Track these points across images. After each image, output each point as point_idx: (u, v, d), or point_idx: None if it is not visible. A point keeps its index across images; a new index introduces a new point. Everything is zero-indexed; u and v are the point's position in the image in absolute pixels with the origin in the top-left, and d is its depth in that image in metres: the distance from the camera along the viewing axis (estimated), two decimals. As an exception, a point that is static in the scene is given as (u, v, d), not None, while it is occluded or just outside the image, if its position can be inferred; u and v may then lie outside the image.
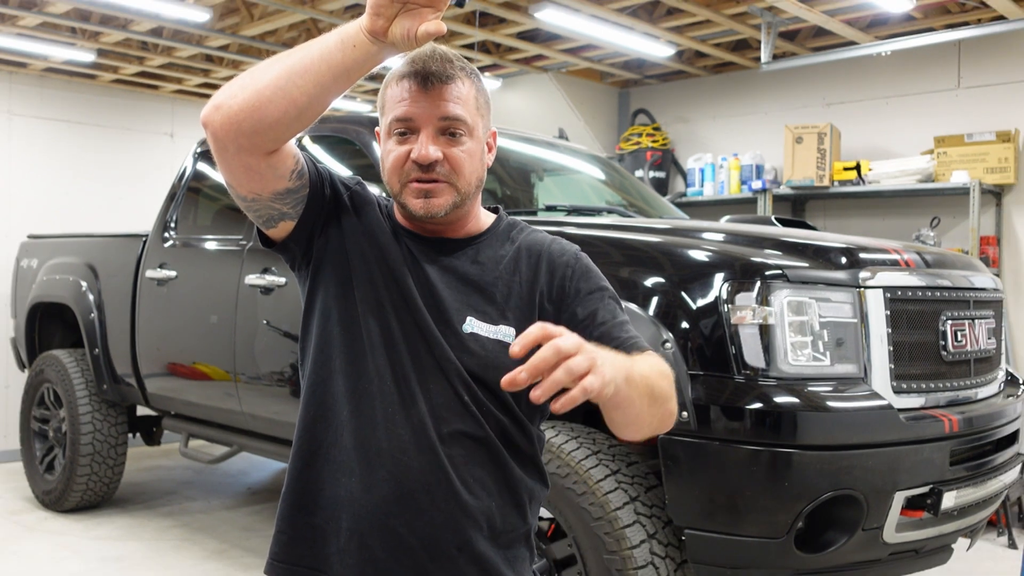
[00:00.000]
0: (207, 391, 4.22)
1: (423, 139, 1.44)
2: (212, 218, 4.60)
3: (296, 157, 1.43)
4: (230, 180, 1.41)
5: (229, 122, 1.30)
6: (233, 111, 1.29)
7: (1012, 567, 4.34)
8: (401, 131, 1.45)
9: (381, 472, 1.44)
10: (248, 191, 1.41)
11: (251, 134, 1.31)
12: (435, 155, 1.43)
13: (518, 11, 5.24)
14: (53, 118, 7.03)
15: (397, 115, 1.45)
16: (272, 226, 1.49)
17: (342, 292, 1.49)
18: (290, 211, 1.46)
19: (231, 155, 1.35)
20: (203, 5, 5.32)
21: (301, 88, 1.28)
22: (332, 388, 1.49)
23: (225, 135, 1.31)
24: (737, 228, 3.10)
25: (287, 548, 1.52)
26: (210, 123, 1.31)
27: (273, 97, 1.28)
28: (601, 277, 1.56)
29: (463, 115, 1.46)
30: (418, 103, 1.43)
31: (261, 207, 1.44)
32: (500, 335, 1.46)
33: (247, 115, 1.29)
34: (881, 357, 2.55)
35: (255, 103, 1.28)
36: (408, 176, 1.45)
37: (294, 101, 1.28)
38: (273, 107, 1.28)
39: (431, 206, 1.45)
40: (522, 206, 3.78)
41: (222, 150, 1.34)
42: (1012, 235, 5.45)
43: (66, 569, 4.22)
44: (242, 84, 1.30)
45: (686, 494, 2.49)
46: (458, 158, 1.45)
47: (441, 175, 1.45)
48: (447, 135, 1.45)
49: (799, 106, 6.29)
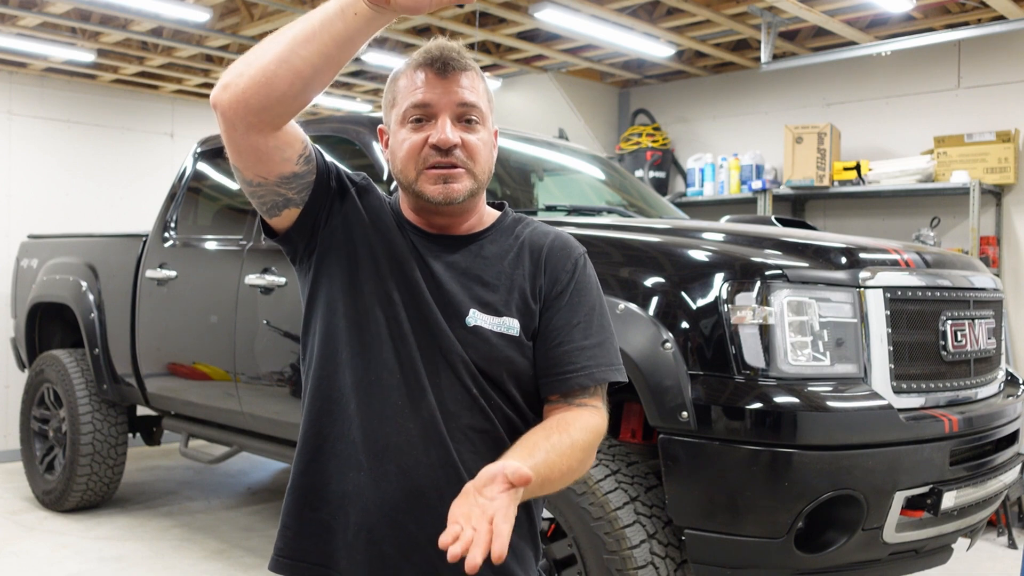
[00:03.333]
0: (207, 391, 4.22)
1: (442, 123, 1.44)
2: (212, 218, 4.60)
3: (304, 142, 1.43)
4: (237, 163, 1.40)
5: (237, 100, 1.30)
6: (240, 88, 1.29)
7: (1012, 567, 4.34)
8: (417, 118, 1.45)
9: (390, 467, 1.44)
10: (255, 174, 1.41)
11: (259, 110, 1.31)
12: (455, 139, 1.44)
13: (518, 11, 5.24)
14: (53, 118, 7.03)
15: (414, 101, 1.45)
16: (276, 214, 1.47)
17: (348, 285, 1.49)
18: (295, 197, 1.45)
19: (240, 134, 1.34)
20: (203, 5, 5.33)
21: (305, 59, 1.28)
22: (339, 381, 1.48)
23: (234, 114, 1.31)
24: (737, 228, 3.10)
25: (293, 544, 1.52)
26: (219, 103, 1.31)
27: (279, 71, 1.28)
28: (595, 287, 1.55)
29: (479, 103, 1.47)
30: (436, 90, 1.44)
31: (266, 192, 1.43)
32: (503, 327, 1.46)
33: (254, 91, 1.29)
34: (881, 357, 2.55)
35: (261, 79, 1.28)
36: (426, 162, 1.45)
37: (299, 73, 1.28)
38: (279, 80, 1.28)
39: (450, 191, 1.45)
40: (522, 206, 3.78)
41: (231, 129, 1.34)
42: (1012, 235, 5.45)
43: (66, 569, 4.22)
44: (247, 62, 1.31)
45: (686, 494, 2.49)
46: (475, 145, 1.46)
47: (459, 160, 1.45)
48: (464, 122, 1.46)
49: (799, 106, 6.29)
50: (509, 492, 1.18)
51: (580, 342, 1.47)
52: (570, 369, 1.44)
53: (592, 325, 1.49)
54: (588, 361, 1.46)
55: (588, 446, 1.40)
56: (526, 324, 1.48)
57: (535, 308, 1.49)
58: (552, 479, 1.32)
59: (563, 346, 1.46)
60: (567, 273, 1.52)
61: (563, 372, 1.45)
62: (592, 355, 1.47)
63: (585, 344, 1.47)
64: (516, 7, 5.23)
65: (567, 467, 1.34)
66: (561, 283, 1.51)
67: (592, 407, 1.46)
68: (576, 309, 1.49)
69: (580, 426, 1.40)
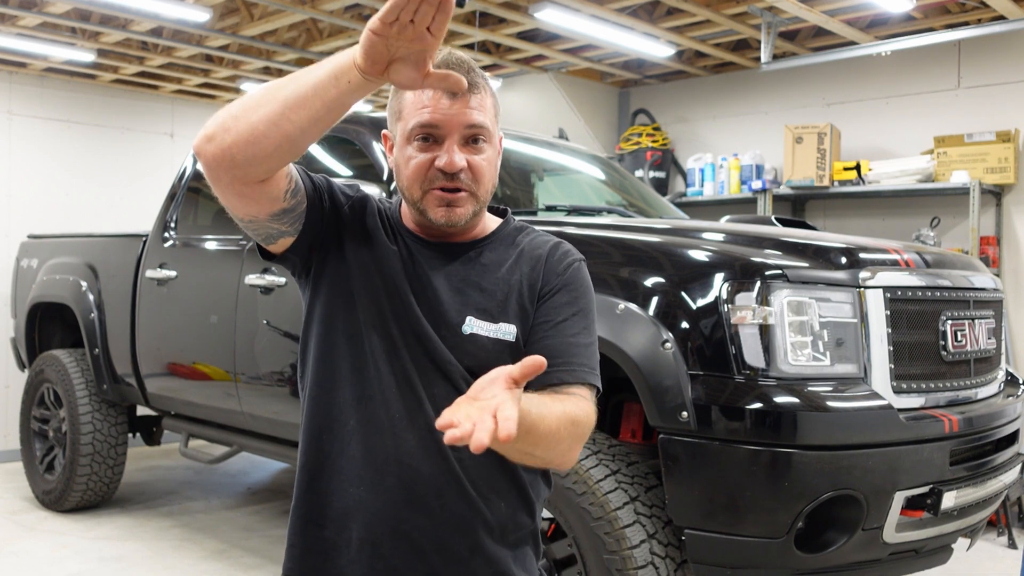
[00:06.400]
0: (207, 391, 4.22)
1: (450, 147, 1.44)
2: (212, 218, 4.59)
3: (289, 176, 1.42)
4: (226, 204, 1.41)
5: (223, 154, 1.29)
6: (227, 144, 1.28)
7: (1012, 567, 4.34)
8: (424, 137, 1.45)
9: (390, 479, 1.45)
10: (245, 214, 1.42)
11: (245, 166, 1.30)
12: (462, 164, 1.44)
13: (518, 11, 5.24)
14: (53, 118, 7.03)
15: (421, 121, 1.44)
16: (272, 243, 1.49)
17: (344, 303, 1.49)
18: (288, 228, 1.46)
19: (225, 184, 1.35)
20: (203, 5, 5.32)
21: (295, 123, 1.27)
22: (337, 398, 1.49)
23: (219, 166, 1.31)
24: (737, 228, 3.10)
25: (299, 562, 1.53)
26: (203, 153, 1.30)
27: (267, 132, 1.27)
28: (587, 292, 1.54)
29: (487, 123, 1.46)
30: (445, 111, 1.43)
31: (259, 227, 1.45)
32: (500, 333, 1.47)
33: (241, 148, 1.28)
34: (881, 357, 2.55)
35: (249, 137, 1.27)
36: (432, 184, 1.45)
37: (288, 135, 1.27)
38: (268, 141, 1.27)
39: (453, 215, 1.46)
40: (522, 206, 3.78)
41: (216, 180, 1.34)
42: (1012, 235, 5.45)
43: (66, 569, 4.22)
44: (234, 116, 1.29)
45: (686, 494, 2.49)
46: (480, 166, 1.46)
47: (464, 184, 1.45)
48: (470, 143, 1.46)
49: (799, 106, 6.29)
50: (512, 391, 1.13)
51: (566, 338, 1.47)
52: (553, 362, 1.42)
53: (579, 325, 1.49)
54: (571, 358, 1.45)
55: (577, 421, 1.36)
56: (523, 328, 1.48)
57: (531, 310, 1.49)
58: (540, 432, 1.27)
59: (548, 339, 1.46)
60: (560, 274, 1.52)
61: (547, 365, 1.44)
62: (576, 353, 1.46)
63: (571, 341, 1.47)
64: (516, 7, 5.22)
65: (555, 428, 1.30)
66: (553, 282, 1.51)
67: (580, 396, 1.43)
68: (564, 308, 1.49)
69: (572, 402, 1.38)
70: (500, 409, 1.07)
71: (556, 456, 1.36)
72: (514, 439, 1.06)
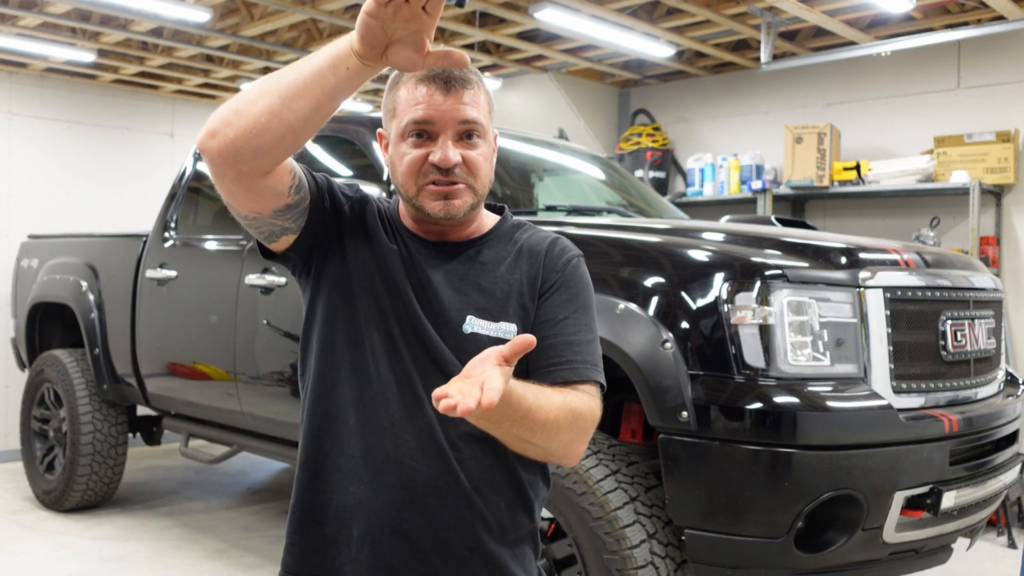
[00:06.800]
0: (207, 391, 4.22)
1: (444, 143, 1.44)
2: (212, 218, 4.59)
3: (293, 172, 1.42)
4: (230, 201, 1.41)
5: (227, 149, 1.29)
6: (230, 138, 1.28)
7: (1012, 567, 4.34)
8: (418, 133, 1.45)
9: (390, 478, 1.45)
10: (249, 211, 1.42)
11: (250, 159, 1.30)
12: (456, 159, 1.44)
13: (518, 11, 5.24)
14: (53, 118, 7.03)
15: (415, 118, 1.44)
16: (274, 240, 1.49)
17: (345, 303, 1.50)
18: (292, 225, 1.46)
19: (230, 180, 1.35)
20: (203, 5, 5.33)
21: (296, 112, 1.27)
22: (337, 398, 1.49)
23: (223, 161, 1.31)
24: (737, 228, 3.10)
25: (299, 560, 1.53)
26: (207, 149, 1.30)
27: (270, 124, 1.27)
28: (586, 288, 1.55)
29: (480, 119, 1.47)
30: (438, 107, 1.44)
31: (263, 224, 1.45)
32: (501, 332, 1.47)
33: (244, 142, 1.28)
34: (881, 357, 2.55)
35: (251, 130, 1.27)
36: (426, 179, 1.46)
37: (291, 125, 1.28)
38: (270, 133, 1.28)
39: (451, 208, 1.46)
40: (522, 206, 3.78)
41: (220, 176, 1.35)
42: (1012, 235, 5.45)
43: (66, 569, 4.22)
44: (236, 110, 1.29)
45: (686, 494, 2.49)
46: (475, 160, 1.47)
47: (459, 177, 1.46)
48: (464, 138, 1.46)
49: (799, 106, 6.29)
50: (501, 367, 1.15)
51: (568, 336, 1.47)
52: (556, 362, 1.44)
53: (580, 323, 1.49)
54: (575, 356, 1.46)
55: (579, 414, 1.37)
56: (523, 327, 1.48)
57: (531, 308, 1.50)
58: (537, 419, 1.28)
59: (550, 339, 1.46)
60: (559, 271, 1.52)
61: (549, 365, 1.45)
62: (579, 351, 1.47)
63: (573, 339, 1.47)
64: (516, 7, 5.23)
65: (553, 416, 1.30)
66: (552, 279, 1.51)
67: (584, 392, 1.44)
68: (565, 305, 1.50)
69: (574, 396, 1.39)
70: (487, 380, 1.11)
71: (557, 447, 1.37)
72: (511, 422, 1.14)
